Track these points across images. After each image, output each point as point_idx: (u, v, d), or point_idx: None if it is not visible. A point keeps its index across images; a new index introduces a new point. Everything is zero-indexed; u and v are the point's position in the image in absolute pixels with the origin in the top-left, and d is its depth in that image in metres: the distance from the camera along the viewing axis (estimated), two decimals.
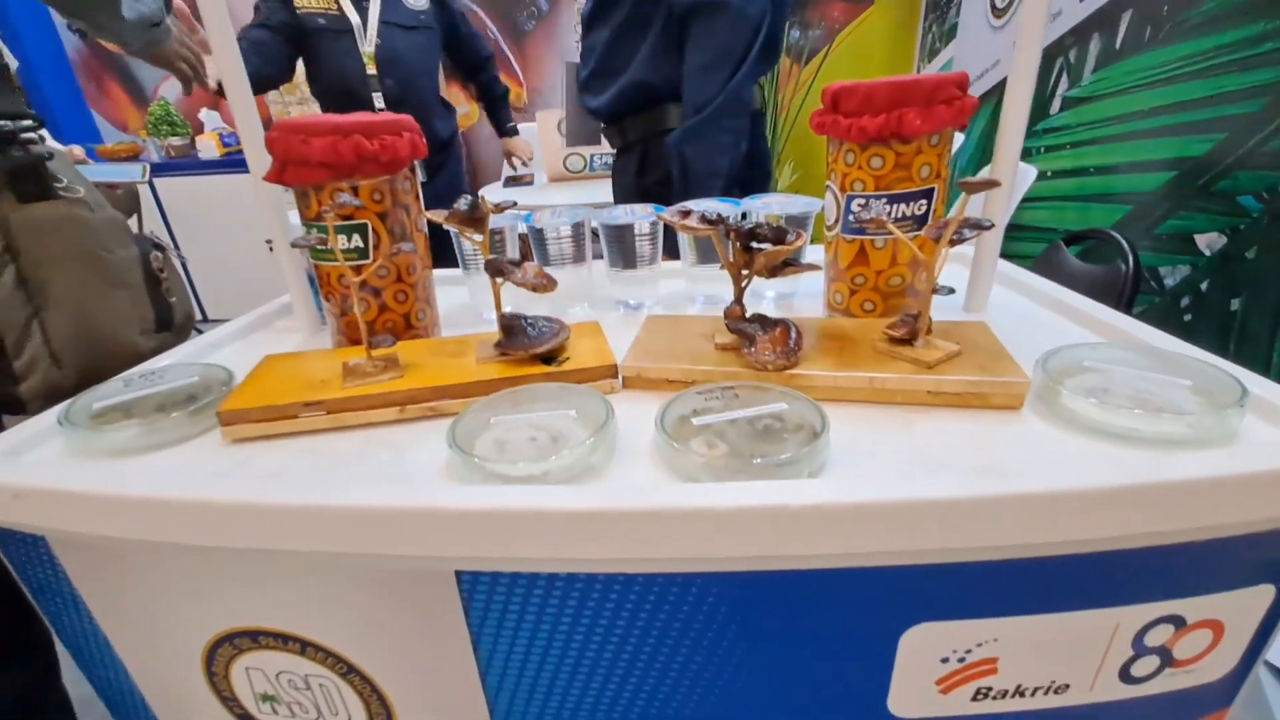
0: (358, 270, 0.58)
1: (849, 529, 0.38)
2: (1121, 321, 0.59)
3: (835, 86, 0.60)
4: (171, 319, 0.73)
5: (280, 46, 1.63)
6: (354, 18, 1.64)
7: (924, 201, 0.61)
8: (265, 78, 1.62)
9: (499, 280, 0.55)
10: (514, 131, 2.04)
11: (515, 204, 0.57)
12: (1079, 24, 1.70)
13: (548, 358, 0.57)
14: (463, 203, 0.53)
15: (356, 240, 0.59)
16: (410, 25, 1.71)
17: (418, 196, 0.64)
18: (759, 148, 1.13)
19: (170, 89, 3.43)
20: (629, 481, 0.44)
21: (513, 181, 2.15)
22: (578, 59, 1.21)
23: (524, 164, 2.04)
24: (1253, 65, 1.18)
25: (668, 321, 0.65)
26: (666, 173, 1.04)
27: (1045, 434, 0.47)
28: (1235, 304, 1.20)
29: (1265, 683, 0.83)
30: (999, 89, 0.58)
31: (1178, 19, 1.37)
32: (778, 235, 0.53)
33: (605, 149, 2.13)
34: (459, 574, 0.42)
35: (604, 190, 2.03)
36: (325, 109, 1.79)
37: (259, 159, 0.62)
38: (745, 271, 0.56)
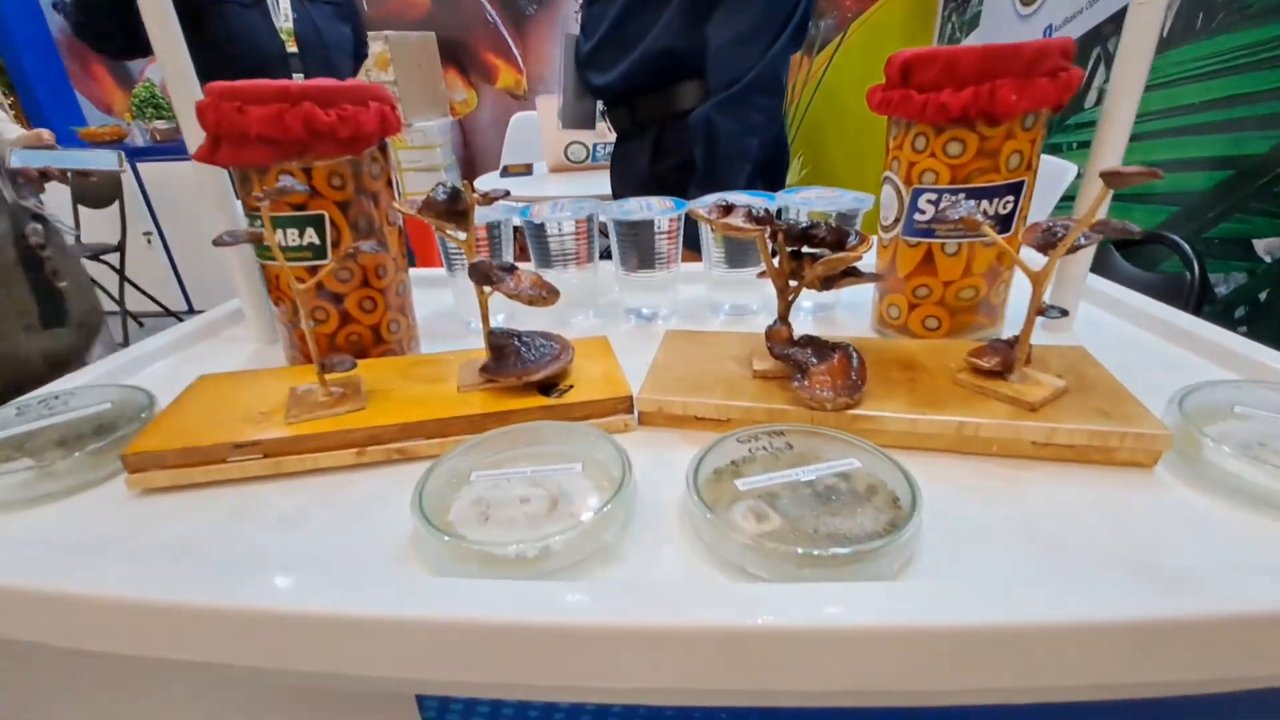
0: (312, 272, 0.47)
1: (969, 658, 0.27)
2: (1258, 353, 0.48)
3: (907, 54, 0.48)
4: (64, 310, 0.59)
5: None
6: None
7: (1011, 198, 0.50)
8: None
9: (486, 290, 0.44)
10: None
11: (508, 193, 0.46)
12: (1120, 10, 1.58)
13: (546, 386, 0.46)
14: (440, 191, 0.41)
15: (311, 236, 0.48)
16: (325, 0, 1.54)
17: (390, 182, 0.53)
18: (780, 133, 1.02)
19: (157, 71, 3.29)
20: (652, 577, 0.33)
21: (510, 171, 2.03)
22: (578, 30, 1.09)
23: None
24: None
25: (691, 339, 0.54)
26: (685, 159, 0.92)
27: (1193, 505, 0.36)
28: None
29: None
30: None
31: (1235, 5, 1.26)
32: (838, 238, 0.42)
33: (611, 138, 2.01)
34: (421, 699, 0.31)
35: (608, 181, 1.91)
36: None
37: (195, 131, 0.50)
38: (793, 282, 0.45)
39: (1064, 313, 0.40)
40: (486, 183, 1.88)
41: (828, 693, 0.30)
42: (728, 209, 0.42)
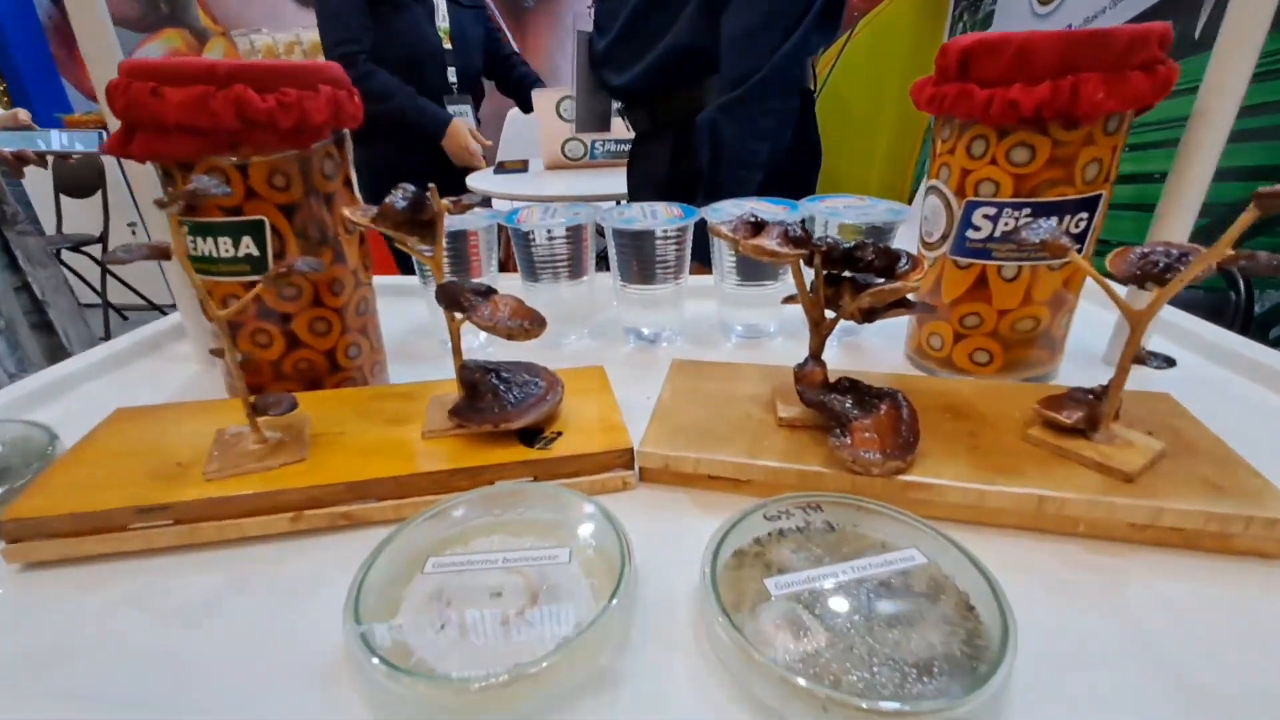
0: (248, 287, 0.39)
1: None
2: None
3: (966, 40, 0.40)
4: None
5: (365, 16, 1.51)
6: None
7: (1085, 215, 0.42)
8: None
9: (457, 316, 0.36)
10: None
11: (483, 200, 0.38)
12: (1150, 8, 1.51)
13: (530, 434, 0.38)
14: (400, 197, 0.33)
15: (249, 246, 0.40)
16: (468, 4, 1.68)
17: (350, 182, 0.45)
18: (810, 133, 0.93)
19: (143, 54, 3.19)
20: (658, 712, 0.25)
21: (506, 168, 1.94)
22: (590, 26, 1.00)
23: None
24: None
25: (702, 371, 0.46)
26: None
27: None
28: None
29: None
30: None
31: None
32: (889, 261, 0.34)
33: (610, 135, 1.92)
34: None
35: (608, 180, 1.82)
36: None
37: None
38: (830, 312, 0.37)
39: (1171, 362, 0.32)
40: (479, 180, 1.79)
41: None
42: (757, 226, 0.34)
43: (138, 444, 0.38)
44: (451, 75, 1.64)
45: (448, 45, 1.62)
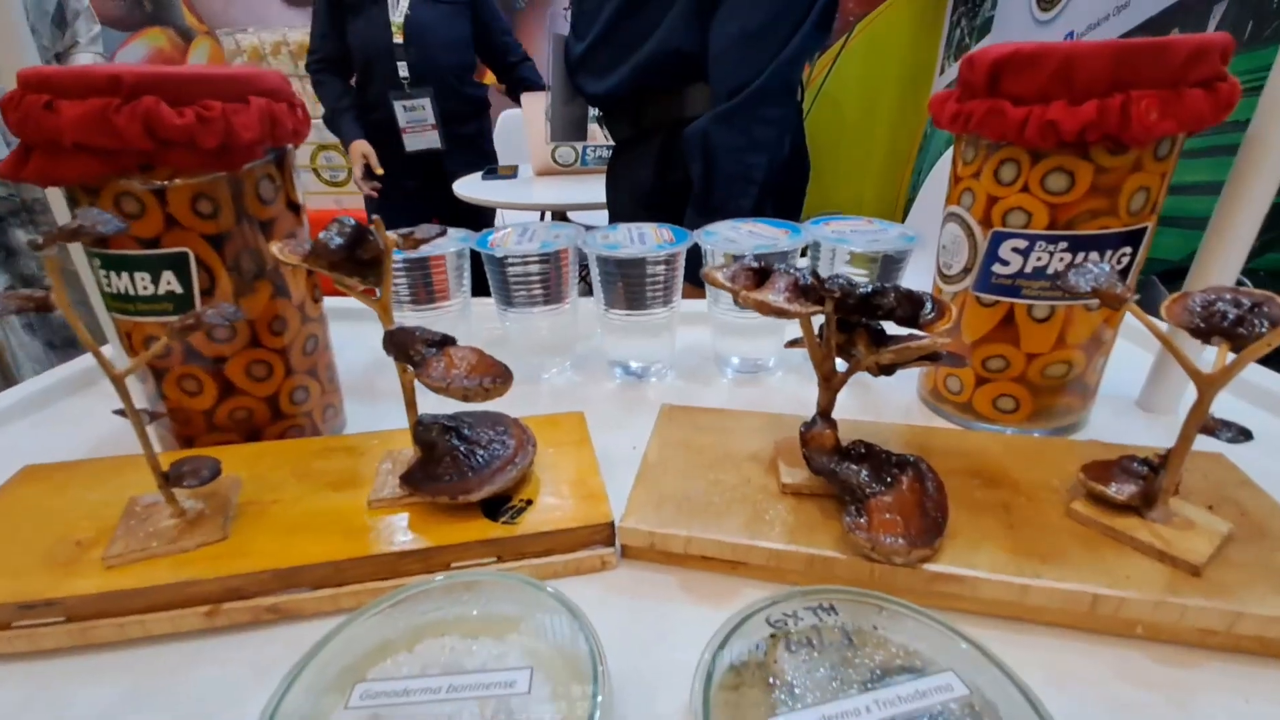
0: (167, 329, 0.33)
1: None
2: None
3: (997, 52, 0.35)
4: None
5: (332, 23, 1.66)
6: None
7: (1129, 250, 0.37)
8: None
9: (409, 371, 0.31)
10: None
11: (443, 232, 0.32)
12: (1154, 16, 1.47)
13: (494, 505, 0.33)
14: (335, 232, 0.28)
15: (170, 282, 0.34)
16: (440, 0, 1.68)
17: (294, 205, 0.39)
18: (802, 146, 0.88)
19: (125, 56, 3.12)
20: None
21: (493, 174, 1.89)
22: (567, 29, 0.94)
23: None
24: None
25: (694, 419, 0.41)
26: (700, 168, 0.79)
27: None
28: None
29: None
30: None
31: None
32: (913, 309, 0.29)
33: (601, 141, 1.87)
34: None
35: (600, 188, 1.76)
36: (354, 74, 1.74)
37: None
38: (842, 363, 0.32)
39: (1248, 435, 0.28)
40: (466, 187, 1.73)
41: None
42: (761, 274, 0.29)
43: (37, 515, 0.33)
44: (403, 70, 1.65)
45: (399, 40, 1.63)
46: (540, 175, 1.96)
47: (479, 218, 1.84)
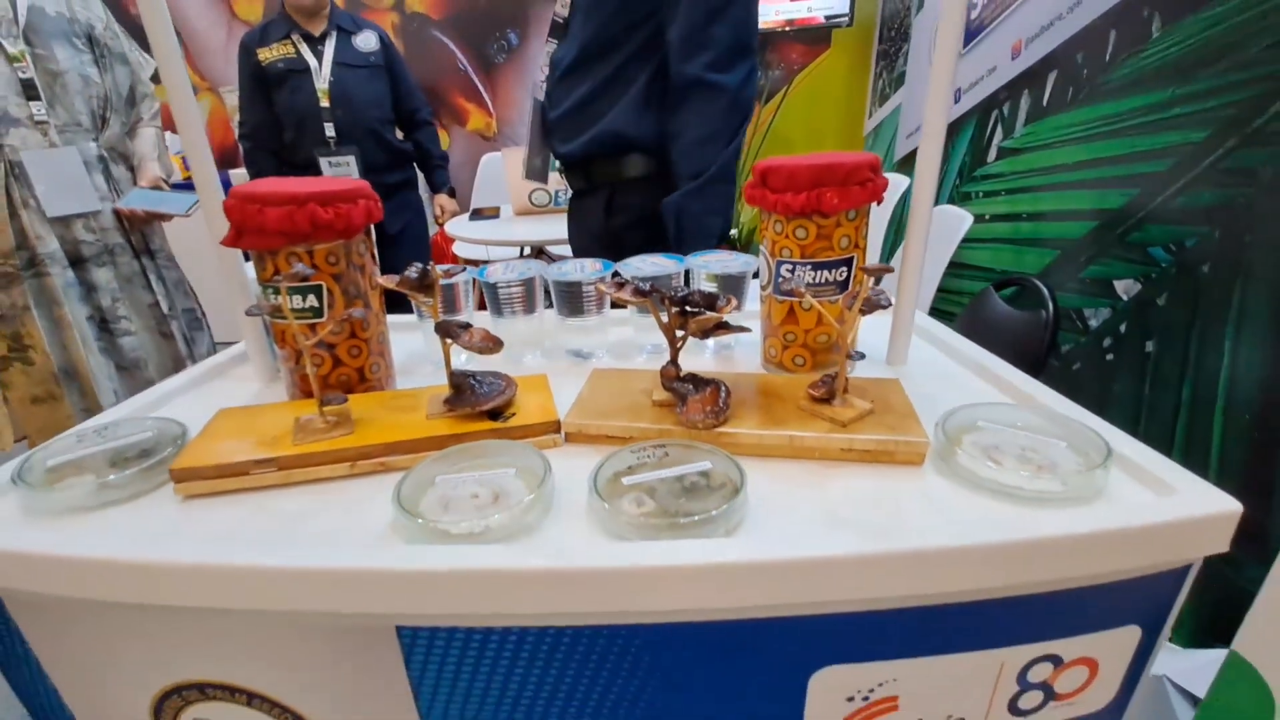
0: (313, 329, 0.61)
1: (760, 584, 0.42)
2: (1021, 381, 0.65)
3: (764, 164, 0.65)
4: None
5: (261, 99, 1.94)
6: (311, 61, 1.91)
7: (844, 268, 0.67)
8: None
9: (448, 341, 0.59)
10: (448, 192, 2.25)
11: (465, 268, 0.61)
12: (1012, 80, 1.82)
13: (494, 413, 0.60)
14: (413, 271, 0.56)
15: (311, 300, 0.62)
16: (359, 65, 1.94)
17: (374, 256, 0.67)
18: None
19: None
20: (560, 542, 0.47)
21: (479, 214, 2.19)
22: (543, 96, 1.25)
23: (439, 217, 2.25)
24: (1161, 128, 1.29)
25: (612, 376, 0.69)
26: (636, 216, 1.10)
27: (941, 490, 0.52)
28: (1149, 345, 1.29)
29: (1173, 699, 0.89)
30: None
31: (1096, 82, 1.49)
32: (708, 302, 0.58)
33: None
34: (399, 629, 0.45)
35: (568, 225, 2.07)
36: (284, 137, 2.00)
37: (218, 222, 0.64)
38: (680, 333, 0.60)
39: (861, 355, 0.57)
40: (456, 226, 2.03)
41: (678, 612, 0.45)
42: (621, 284, 0.58)
43: (243, 427, 0.60)
44: (330, 130, 1.89)
45: (325, 104, 1.87)
46: (520, 215, 2.26)
47: (405, 262, 2.08)
